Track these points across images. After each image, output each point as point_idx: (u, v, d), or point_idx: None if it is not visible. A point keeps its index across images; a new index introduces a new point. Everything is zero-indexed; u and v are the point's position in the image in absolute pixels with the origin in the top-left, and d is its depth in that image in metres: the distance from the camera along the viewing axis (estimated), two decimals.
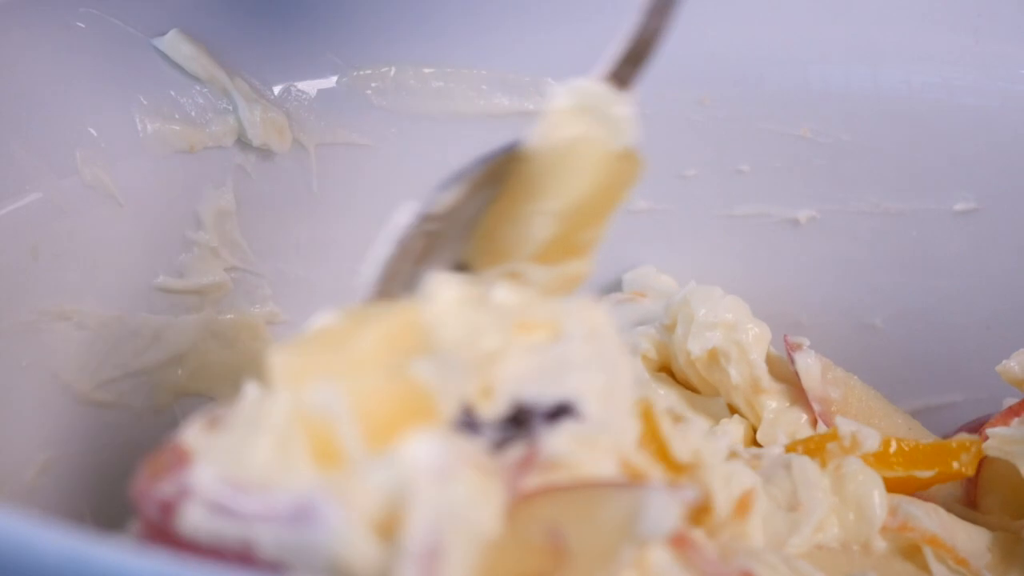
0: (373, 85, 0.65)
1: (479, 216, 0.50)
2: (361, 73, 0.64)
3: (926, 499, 0.58)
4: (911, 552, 0.55)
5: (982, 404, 0.63)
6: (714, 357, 0.61)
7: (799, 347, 0.61)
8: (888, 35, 0.66)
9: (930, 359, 0.67)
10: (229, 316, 0.63)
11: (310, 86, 0.64)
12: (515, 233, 0.49)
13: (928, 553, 0.55)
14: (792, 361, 0.61)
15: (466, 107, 0.65)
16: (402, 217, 0.48)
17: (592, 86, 0.49)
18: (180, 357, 0.62)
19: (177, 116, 0.62)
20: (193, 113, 0.62)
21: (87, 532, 0.39)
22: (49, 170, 0.58)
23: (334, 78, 0.64)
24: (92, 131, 0.60)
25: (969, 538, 0.56)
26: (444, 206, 0.49)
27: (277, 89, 0.64)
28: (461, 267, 0.50)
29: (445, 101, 0.65)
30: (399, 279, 0.49)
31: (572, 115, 0.49)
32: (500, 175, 0.49)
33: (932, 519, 0.55)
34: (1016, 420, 0.57)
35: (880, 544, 0.55)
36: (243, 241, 0.64)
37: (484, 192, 0.49)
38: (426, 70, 0.65)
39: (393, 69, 0.65)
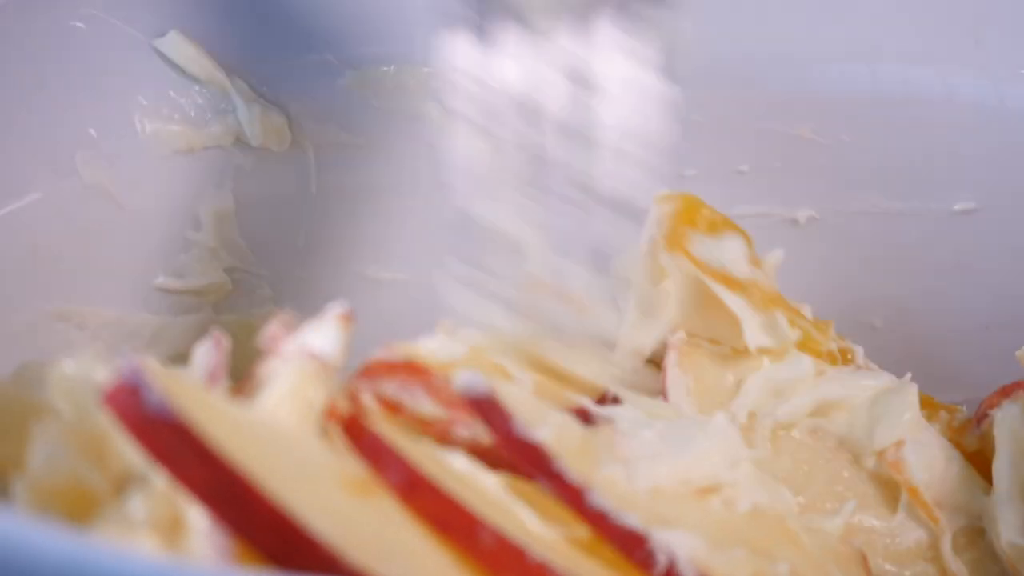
0: (372, 85, 0.64)
1: None
2: (360, 73, 0.64)
3: None
4: (890, 486, 0.55)
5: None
6: None
7: None
8: (888, 35, 0.66)
9: (930, 359, 0.67)
10: (229, 317, 0.63)
11: (309, 87, 0.64)
12: None
13: (903, 498, 0.55)
14: None
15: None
16: None
17: None
18: (180, 357, 0.62)
19: (177, 117, 0.62)
20: (193, 114, 0.62)
21: (87, 532, 0.39)
22: (49, 170, 0.58)
23: (333, 78, 0.64)
24: (92, 132, 0.60)
25: (967, 499, 0.56)
26: None
27: (276, 90, 0.64)
28: None
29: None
30: None
31: None
32: None
33: (929, 472, 0.55)
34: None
35: (870, 463, 0.55)
36: (242, 242, 0.64)
37: None
38: (425, 70, 0.64)
39: (392, 69, 0.64)
